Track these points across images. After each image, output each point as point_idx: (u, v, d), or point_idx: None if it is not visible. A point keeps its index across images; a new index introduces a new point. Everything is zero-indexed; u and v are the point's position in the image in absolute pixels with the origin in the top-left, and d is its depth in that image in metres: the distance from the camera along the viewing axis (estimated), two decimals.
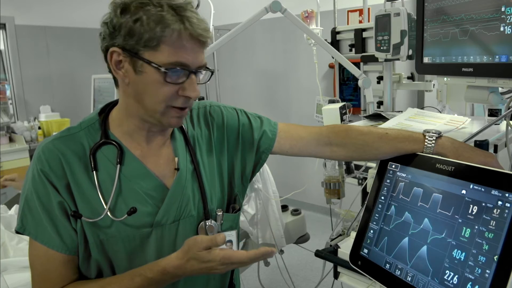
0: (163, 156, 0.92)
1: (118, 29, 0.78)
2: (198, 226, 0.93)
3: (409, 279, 0.82)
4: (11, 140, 4.05)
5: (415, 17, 1.17)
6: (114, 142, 0.88)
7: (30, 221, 0.84)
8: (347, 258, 1.00)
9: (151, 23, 0.75)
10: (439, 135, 0.92)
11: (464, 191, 0.78)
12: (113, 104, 0.93)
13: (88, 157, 0.86)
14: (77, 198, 0.84)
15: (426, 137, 0.92)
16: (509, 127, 1.00)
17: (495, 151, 1.03)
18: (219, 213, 0.95)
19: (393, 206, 0.92)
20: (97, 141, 0.87)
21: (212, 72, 0.88)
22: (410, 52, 1.45)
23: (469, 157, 0.86)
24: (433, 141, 0.91)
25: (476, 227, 0.73)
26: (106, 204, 0.84)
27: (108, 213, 0.85)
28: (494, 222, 0.70)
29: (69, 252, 0.85)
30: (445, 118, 1.28)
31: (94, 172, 0.85)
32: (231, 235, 0.97)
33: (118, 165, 0.86)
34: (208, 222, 0.93)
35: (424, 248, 0.81)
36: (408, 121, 1.27)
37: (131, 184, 0.87)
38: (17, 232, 0.88)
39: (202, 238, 0.77)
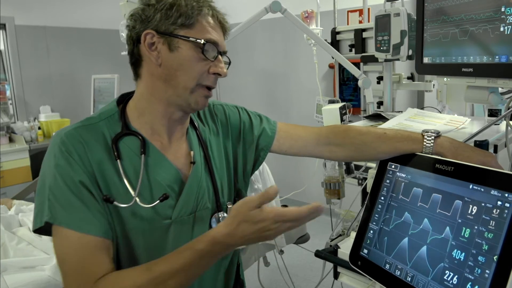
0: (180, 150, 0.95)
1: (153, 15, 0.84)
2: (210, 218, 0.95)
3: (409, 279, 0.82)
4: (11, 140, 4.05)
5: (415, 17, 1.17)
6: (136, 133, 0.88)
7: (59, 209, 0.80)
8: (347, 258, 1.00)
9: (189, 4, 0.83)
10: (438, 135, 0.92)
11: (463, 191, 0.78)
12: (129, 96, 0.94)
13: (111, 147, 0.85)
14: (101, 186, 0.83)
15: (425, 137, 0.92)
16: (509, 127, 1.00)
17: (495, 151, 1.03)
18: (230, 206, 0.98)
19: (392, 206, 0.92)
20: (117, 132, 0.87)
21: (230, 63, 0.94)
22: (410, 52, 1.45)
23: (468, 157, 0.86)
24: (432, 141, 0.91)
25: (476, 227, 0.73)
26: (134, 191, 0.84)
27: (137, 200, 0.84)
28: (493, 222, 0.70)
29: (103, 234, 0.82)
30: (445, 118, 1.28)
31: (118, 161, 0.84)
32: None
33: (143, 155, 0.87)
34: (221, 214, 0.96)
35: (424, 248, 0.81)
36: (408, 121, 1.28)
37: (154, 175, 0.88)
38: (37, 231, 0.83)
39: (251, 198, 0.73)
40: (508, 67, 0.92)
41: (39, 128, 4.21)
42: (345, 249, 1.19)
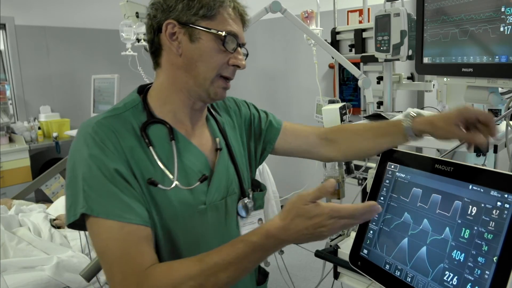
0: (204, 137, 0.96)
1: (174, 5, 0.84)
2: (237, 204, 0.97)
3: (409, 280, 0.82)
4: (11, 140, 4.05)
5: (415, 17, 1.17)
6: (162, 121, 0.89)
7: (96, 199, 0.76)
8: (347, 258, 1.00)
9: None
10: (417, 115, 0.96)
11: (463, 192, 0.78)
12: (148, 86, 0.95)
13: (140, 135, 0.85)
14: (136, 171, 0.82)
15: (403, 118, 0.97)
16: (509, 127, 1.00)
17: (495, 151, 1.03)
18: (251, 192, 1.01)
19: (392, 207, 0.91)
20: (143, 121, 0.87)
21: (247, 55, 0.94)
22: (410, 52, 1.45)
23: (446, 119, 0.89)
24: (410, 121, 0.95)
25: (476, 228, 0.73)
26: (172, 175, 0.84)
27: (177, 183, 0.84)
28: (493, 223, 0.70)
29: (144, 222, 0.79)
30: None
31: (150, 147, 0.84)
32: (261, 213, 1.02)
33: (173, 141, 0.87)
34: (246, 200, 0.98)
35: (424, 249, 0.81)
36: None
37: (185, 161, 0.89)
38: (70, 225, 0.79)
39: (307, 192, 0.71)
40: (508, 67, 0.92)
41: (39, 128, 4.21)
42: (345, 249, 1.20)
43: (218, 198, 0.93)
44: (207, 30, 0.84)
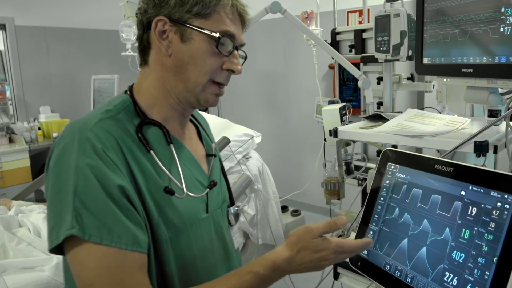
0: (193, 142, 0.93)
1: (167, 0, 0.77)
2: (227, 212, 0.95)
3: (409, 281, 0.81)
4: (11, 140, 4.05)
5: (415, 17, 1.17)
6: (158, 123, 0.82)
7: (90, 219, 0.65)
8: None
9: None
10: None
11: (463, 192, 0.78)
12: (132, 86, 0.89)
13: (136, 138, 0.77)
14: (140, 181, 0.74)
15: None
16: (509, 128, 1.00)
17: (495, 151, 1.03)
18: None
19: (392, 207, 0.91)
20: (136, 124, 0.79)
21: (246, 58, 0.90)
22: (410, 52, 1.45)
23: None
24: None
25: (475, 228, 0.73)
26: (180, 182, 0.79)
27: (188, 192, 0.80)
28: (493, 223, 0.70)
29: (142, 249, 0.71)
30: (445, 118, 1.28)
31: (151, 152, 0.77)
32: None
33: (172, 145, 0.82)
34: (236, 208, 0.97)
35: (424, 249, 0.81)
36: (408, 121, 1.27)
37: (184, 167, 0.84)
38: (52, 250, 0.68)
39: (317, 225, 0.72)
40: (508, 68, 0.92)
41: (39, 128, 4.21)
42: None
43: (217, 206, 0.91)
44: (200, 29, 0.77)
